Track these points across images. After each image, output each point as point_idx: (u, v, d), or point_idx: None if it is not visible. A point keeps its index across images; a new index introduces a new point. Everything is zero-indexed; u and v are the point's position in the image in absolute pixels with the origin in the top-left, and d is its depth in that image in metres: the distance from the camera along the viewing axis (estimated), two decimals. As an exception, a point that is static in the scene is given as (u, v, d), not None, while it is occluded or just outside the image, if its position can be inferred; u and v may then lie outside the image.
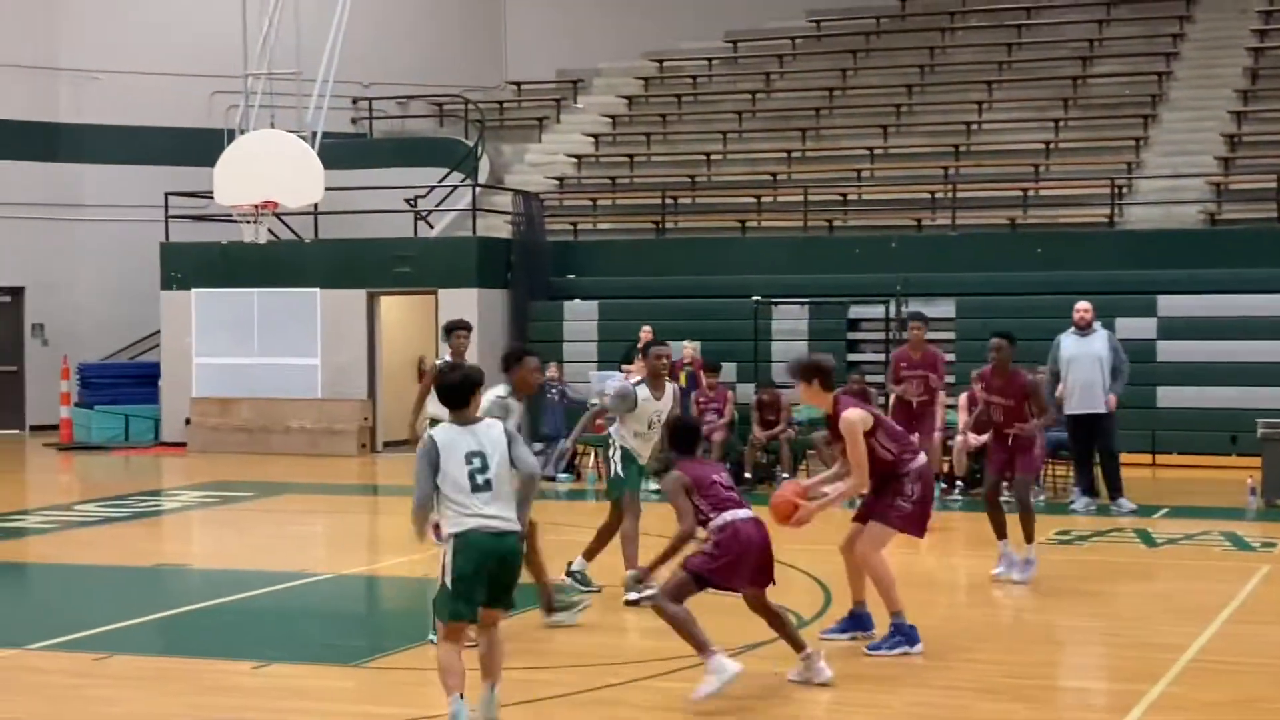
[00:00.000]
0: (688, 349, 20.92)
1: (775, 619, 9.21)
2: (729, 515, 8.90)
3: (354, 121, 30.57)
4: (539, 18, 32.64)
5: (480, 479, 7.76)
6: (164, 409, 25.69)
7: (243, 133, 24.85)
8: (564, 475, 20.31)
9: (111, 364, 27.72)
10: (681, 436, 9.38)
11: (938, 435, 17.32)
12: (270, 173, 22.99)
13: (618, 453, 12.14)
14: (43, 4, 28.87)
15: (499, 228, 25.90)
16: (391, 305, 25.05)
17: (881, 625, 10.11)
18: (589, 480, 20.00)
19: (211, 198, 24.03)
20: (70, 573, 13.99)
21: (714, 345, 21.68)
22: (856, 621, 10.33)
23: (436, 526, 7.94)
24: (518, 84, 31.90)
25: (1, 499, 19.31)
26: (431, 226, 26.58)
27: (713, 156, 27.70)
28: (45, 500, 19.29)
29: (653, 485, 19.07)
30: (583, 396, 21.62)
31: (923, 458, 10.30)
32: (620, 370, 21.36)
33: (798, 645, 9.18)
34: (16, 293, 28.73)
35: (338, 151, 26.35)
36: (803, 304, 22.68)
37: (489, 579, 7.80)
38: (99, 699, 8.99)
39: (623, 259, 25.13)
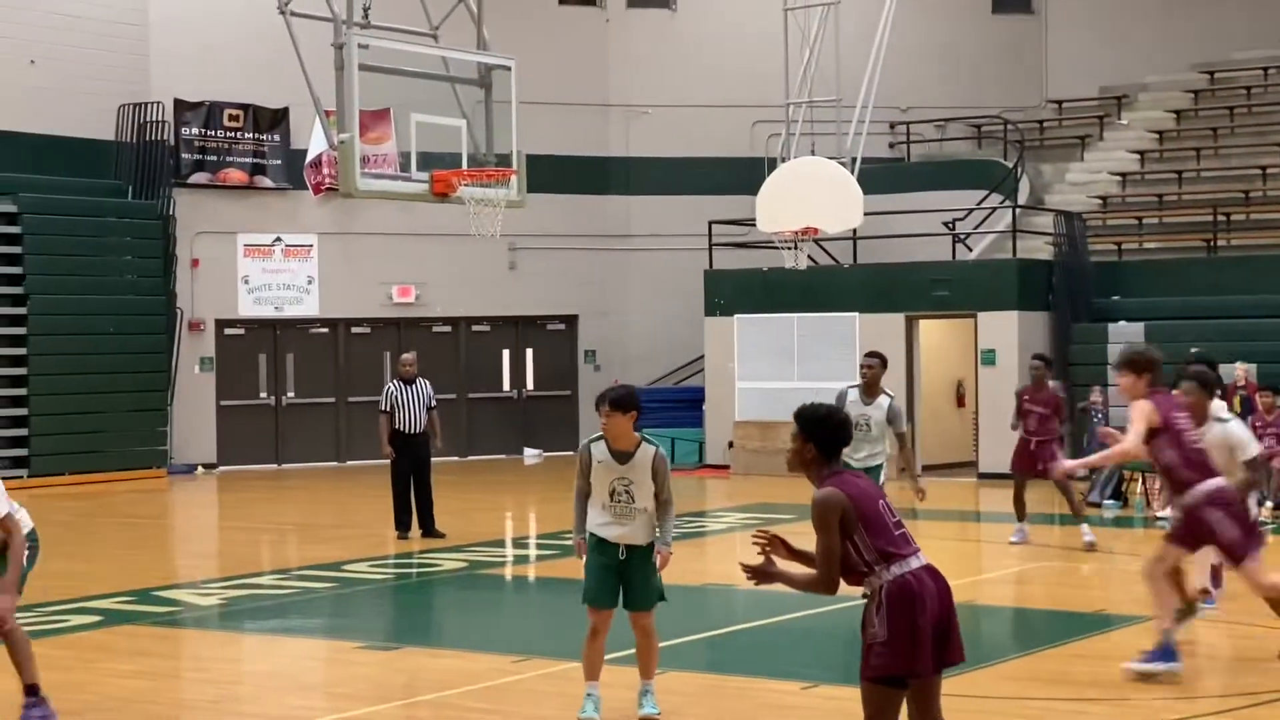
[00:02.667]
0: (1240, 371, 20.00)
1: None
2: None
3: (891, 146, 30.66)
4: (1081, 34, 31.89)
5: None
6: (708, 432, 26.40)
7: (784, 160, 25.31)
8: (1110, 501, 19.74)
9: (659, 388, 28.71)
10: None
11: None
12: (810, 199, 23.30)
13: None
14: (597, 46, 30.25)
15: (1039, 249, 25.45)
16: (930, 329, 24.96)
17: None
18: (1137, 507, 19.35)
19: (754, 225, 24.57)
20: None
21: (1272, 367, 20.62)
22: None
23: None
24: (1059, 102, 31.27)
25: (557, 518, 20.24)
26: (970, 249, 26.35)
27: (1269, 170, 26.37)
28: (599, 519, 20.07)
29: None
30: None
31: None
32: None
33: None
34: (571, 320, 30.18)
35: (876, 176, 26.49)
36: (1370, 323, 21.31)
37: None
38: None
39: (1170, 279, 24.25)
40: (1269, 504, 18.43)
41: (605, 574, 9.07)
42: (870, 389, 13.82)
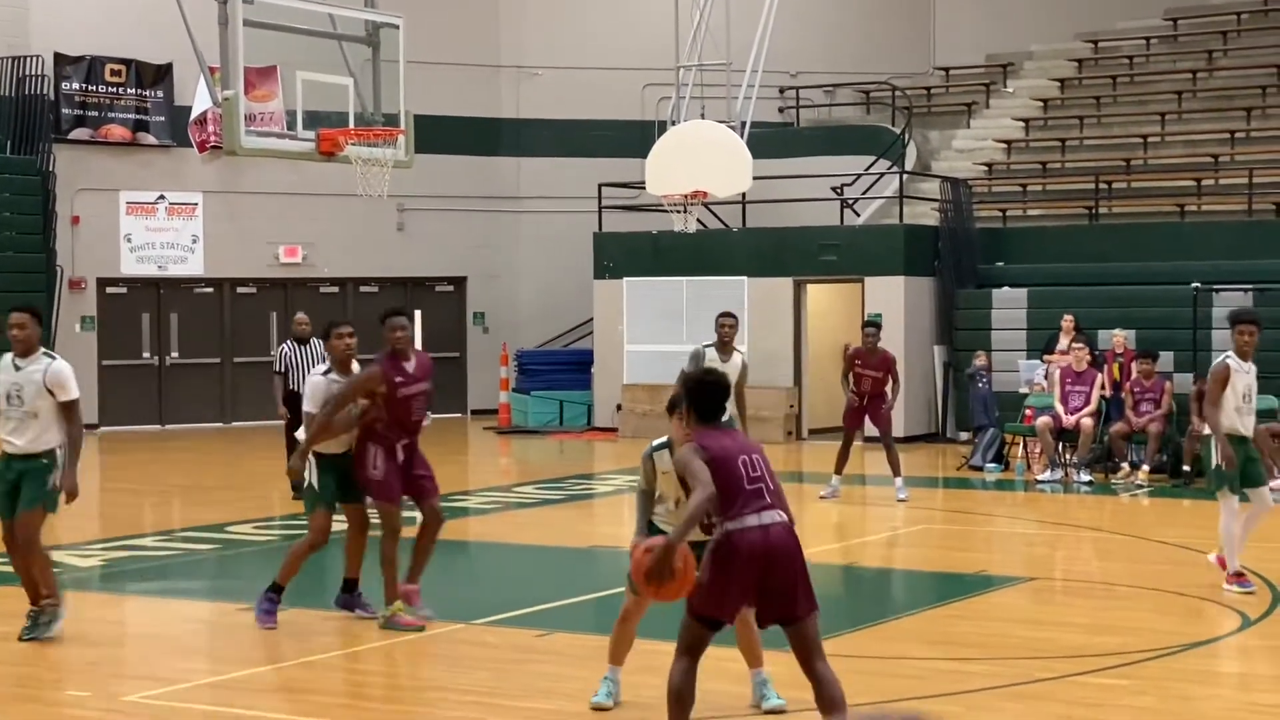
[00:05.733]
0: (1118, 338, 20.34)
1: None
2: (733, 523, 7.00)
3: (781, 110, 30.76)
4: (968, 2, 32.17)
5: None
6: (596, 395, 26.43)
7: (674, 124, 25.31)
8: (992, 465, 20.01)
9: (547, 351, 28.70)
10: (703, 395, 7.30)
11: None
12: (700, 163, 23.29)
13: None
14: (487, 6, 30.07)
15: (926, 215, 25.68)
16: (818, 293, 25.14)
17: None
18: (1017, 470, 19.64)
19: (643, 188, 24.57)
20: (511, 552, 14.55)
21: (1150, 334, 20.99)
22: None
23: None
24: (946, 69, 31.53)
25: (446, 480, 20.11)
26: (858, 214, 26.54)
27: (1150, 139, 26.77)
28: (486, 482, 20.11)
29: (1085, 477, 18.67)
30: (1011, 386, 21.27)
31: None
32: (1041, 359, 20.94)
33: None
34: (459, 282, 30.04)
35: (765, 141, 26.57)
36: (1246, 291, 21.70)
37: None
38: (544, 674, 9.32)
39: (1053, 245, 24.58)
40: (1145, 468, 18.80)
41: None
42: (725, 346, 14.12)
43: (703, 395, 7.27)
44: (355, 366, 10.75)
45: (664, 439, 8.33)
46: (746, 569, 6.95)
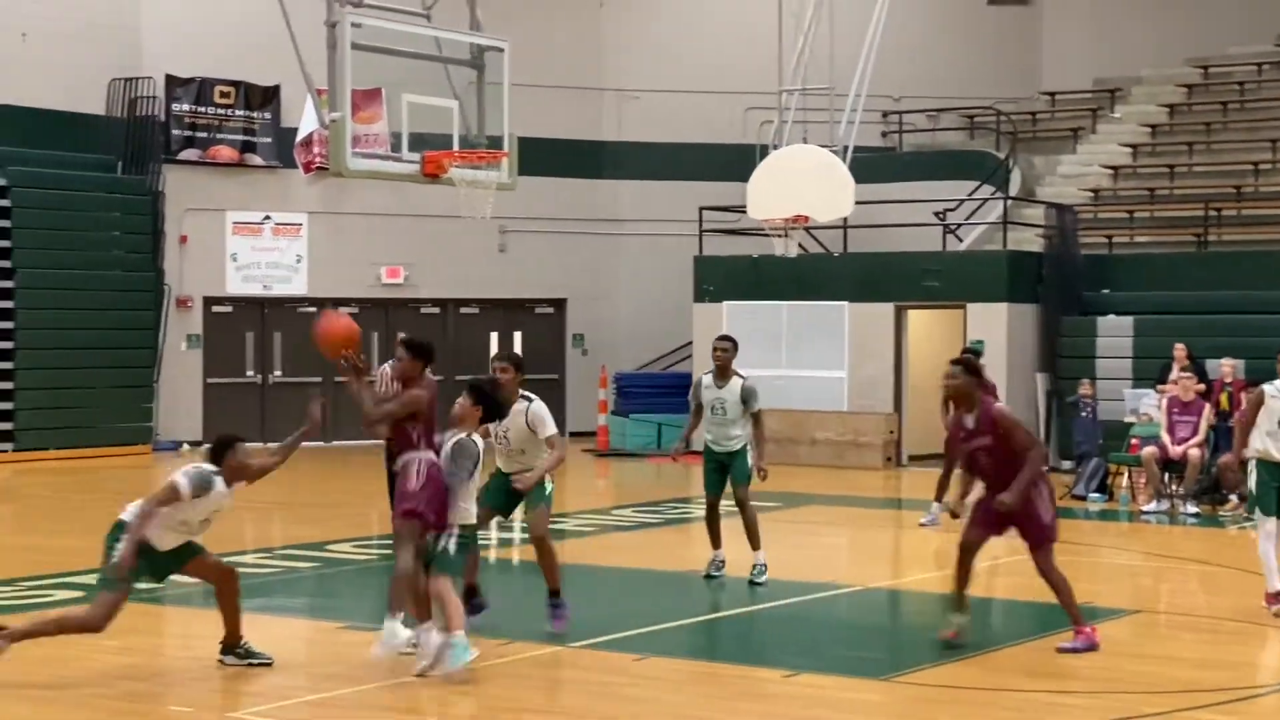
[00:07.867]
0: (1226, 367, 20.04)
1: None
2: None
3: (884, 135, 30.62)
4: (1076, 26, 31.88)
5: None
6: (695, 419, 26.34)
7: (776, 148, 25.27)
8: (1096, 495, 19.76)
9: (646, 374, 28.67)
10: None
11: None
12: (802, 187, 23.25)
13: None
14: (590, 30, 30.19)
15: (1030, 241, 25.44)
16: (919, 319, 24.97)
17: None
18: (1122, 500, 19.37)
19: (744, 212, 24.54)
20: (608, 575, 14.53)
21: (1259, 363, 20.61)
22: None
23: None
24: (1052, 94, 31.25)
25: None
26: (961, 240, 26.33)
27: (1261, 166, 26.38)
28: (585, 504, 20.11)
29: (1191, 508, 18.39)
30: (1116, 415, 21.00)
31: None
32: (1155, 390, 20.63)
33: None
34: (559, 304, 30.14)
35: (868, 165, 26.43)
36: (1358, 321, 21.33)
37: None
38: (635, 698, 9.29)
39: (1161, 273, 24.26)
40: (1233, 498, 18.46)
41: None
42: (723, 372, 13.99)
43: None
44: None
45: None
46: None
